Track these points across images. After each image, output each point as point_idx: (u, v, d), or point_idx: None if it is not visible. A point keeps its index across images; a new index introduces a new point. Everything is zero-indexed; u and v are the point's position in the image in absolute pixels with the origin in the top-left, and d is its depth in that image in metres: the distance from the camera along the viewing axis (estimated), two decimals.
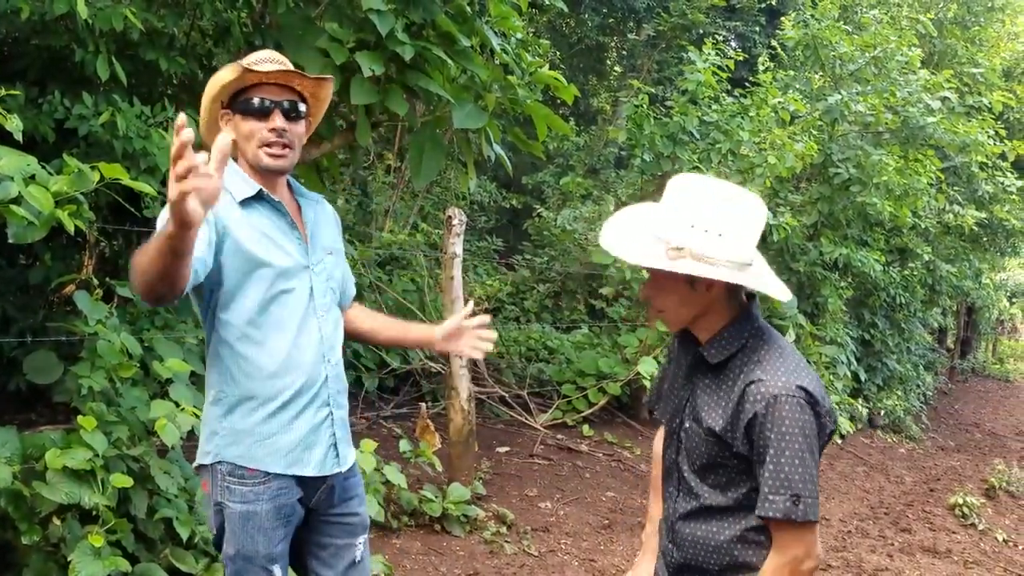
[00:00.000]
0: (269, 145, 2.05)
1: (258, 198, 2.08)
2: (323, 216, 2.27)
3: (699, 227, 1.65)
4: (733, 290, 1.77)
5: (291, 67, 2.11)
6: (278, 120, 2.05)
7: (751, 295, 1.83)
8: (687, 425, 1.81)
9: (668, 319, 1.81)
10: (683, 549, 1.83)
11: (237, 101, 2.05)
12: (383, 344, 2.54)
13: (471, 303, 2.46)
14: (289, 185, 2.22)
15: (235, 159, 2.12)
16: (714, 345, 1.77)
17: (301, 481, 2.12)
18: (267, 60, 2.08)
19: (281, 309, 2.07)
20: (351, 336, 2.45)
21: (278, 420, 2.08)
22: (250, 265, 2.03)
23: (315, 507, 2.21)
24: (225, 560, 2.12)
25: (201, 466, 2.14)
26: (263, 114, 2.04)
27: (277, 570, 2.11)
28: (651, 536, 2.10)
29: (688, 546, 1.81)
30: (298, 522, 2.18)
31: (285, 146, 2.07)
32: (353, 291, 2.43)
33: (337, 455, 2.18)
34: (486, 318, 2.38)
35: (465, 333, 2.38)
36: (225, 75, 2.03)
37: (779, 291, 1.75)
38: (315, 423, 2.13)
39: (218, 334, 2.08)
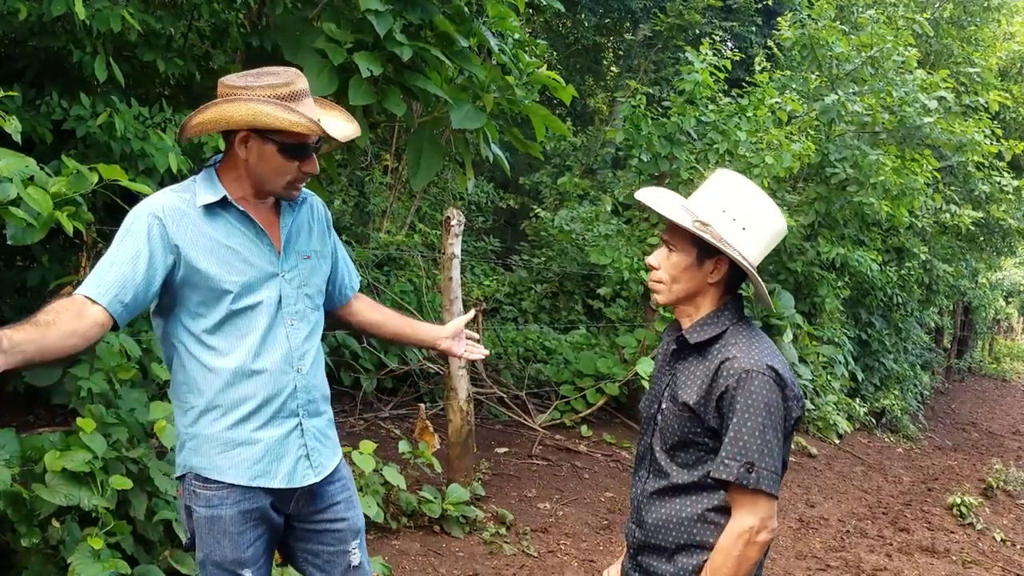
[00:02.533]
0: (297, 182, 2.07)
1: (222, 205, 2.03)
2: (306, 218, 2.21)
3: (729, 214, 1.80)
4: (730, 284, 1.87)
5: (352, 126, 2.17)
6: (312, 165, 2.06)
7: (740, 295, 1.92)
8: (664, 407, 1.89)
9: (664, 290, 1.89)
10: (645, 528, 1.88)
11: (274, 135, 1.98)
12: (387, 337, 2.52)
13: (472, 311, 2.49)
14: None
15: (216, 168, 2.08)
16: (696, 328, 1.86)
17: (269, 490, 2.08)
18: (301, 94, 2.02)
19: (244, 320, 2.03)
20: (357, 327, 2.46)
21: (242, 430, 2.03)
22: (207, 282, 1.99)
23: (294, 514, 2.18)
24: (199, 567, 2.11)
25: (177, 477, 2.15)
26: (304, 158, 2.04)
27: (248, 575, 2.08)
28: None
29: (650, 524, 1.87)
30: (276, 528, 2.15)
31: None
32: (353, 283, 2.40)
33: (311, 465, 2.13)
34: (471, 315, 2.47)
35: (463, 335, 2.47)
36: (289, 120, 1.94)
37: (768, 300, 1.92)
38: (281, 434, 2.08)
39: (180, 345, 2.04)
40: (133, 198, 3.40)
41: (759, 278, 1.83)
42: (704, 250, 1.82)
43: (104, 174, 2.74)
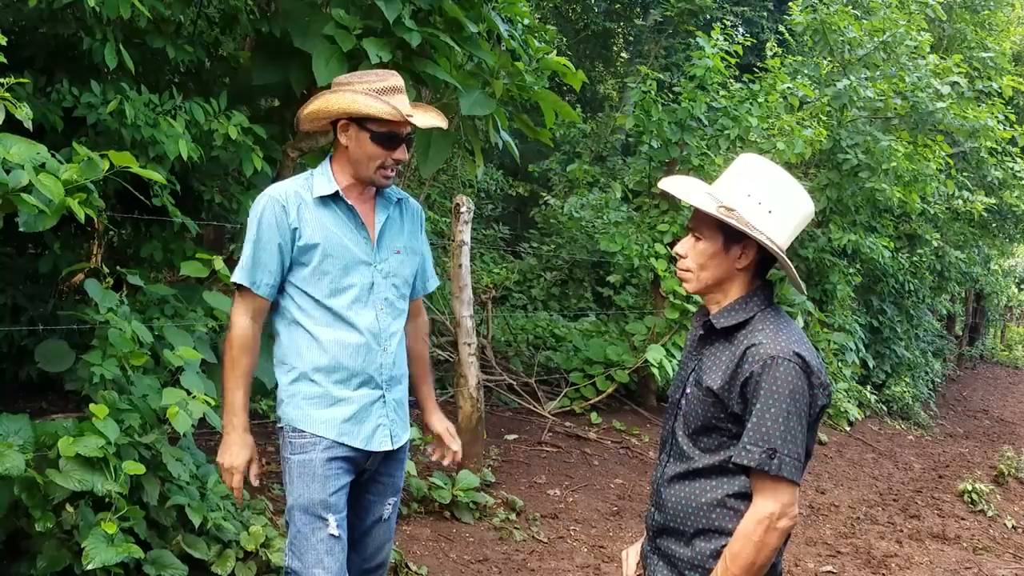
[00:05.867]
0: (387, 168, 2.34)
1: (335, 198, 2.35)
2: (401, 216, 2.48)
3: (754, 198, 1.79)
4: (759, 269, 1.85)
5: (439, 119, 2.44)
6: (401, 152, 2.34)
7: (770, 282, 1.90)
8: (688, 391, 1.88)
9: (692, 278, 1.88)
10: (664, 511, 1.88)
11: (368, 122, 2.28)
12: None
13: (456, 444, 2.70)
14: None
15: (330, 159, 2.39)
16: (724, 313, 1.84)
17: (353, 447, 2.36)
18: (395, 90, 2.31)
19: (343, 298, 2.34)
20: None
21: (333, 395, 2.34)
22: (316, 259, 2.31)
23: (366, 470, 2.44)
24: (287, 517, 2.35)
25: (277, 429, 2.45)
26: (393, 146, 2.31)
27: (332, 520, 2.30)
28: None
29: (670, 508, 1.87)
30: (351, 484, 2.39)
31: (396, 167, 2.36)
32: (429, 285, 2.66)
33: (389, 434, 2.42)
34: (456, 447, 2.68)
35: (452, 442, 2.68)
36: (377, 108, 2.25)
37: (800, 283, 1.86)
38: (367, 402, 2.38)
39: (288, 315, 2.37)
40: (144, 185, 3.41)
41: (789, 261, 1.81)
42: (730, 236, 1.80)
43: (115, 161, 2.74)
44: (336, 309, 2.33)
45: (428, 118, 2.43)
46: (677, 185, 1.87)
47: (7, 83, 2.50)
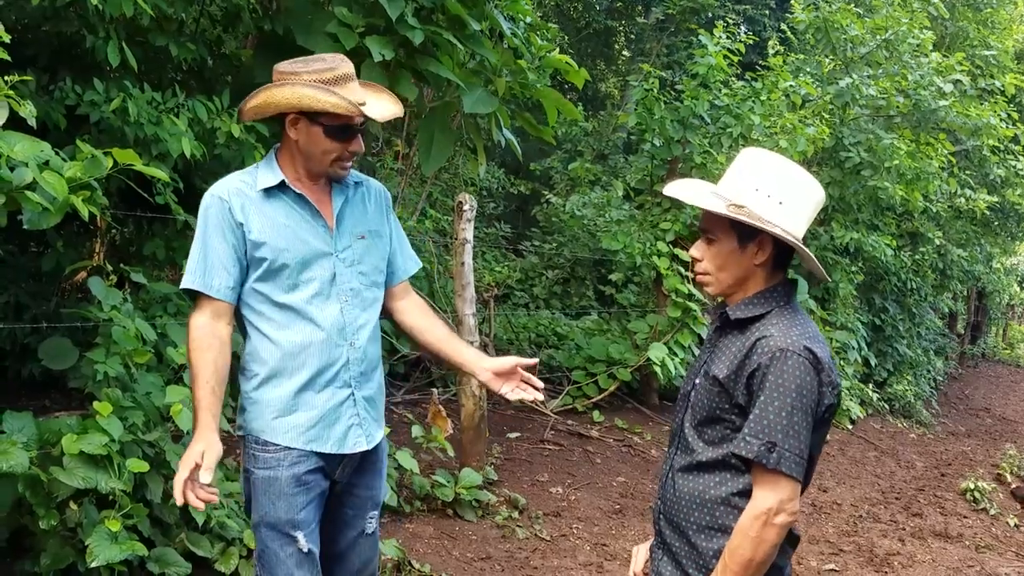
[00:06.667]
0: (344, 160, 2.20)
1: (282, 188, 2.19)
2: (363, 200, 2.33)
3: (763, 191, 1.75)
4: (777, 263, 1.82)
5: (395, 107, 2.28)
6: (357, 144, 2.19)
7: (791, 280, 1.87)
8: (698, 382, 1.86)
9: (711, 281, 1.85)
10: (669, 503, 1.88)
11: (320, 116, 2.12)
12: (425, 346, 2.48)
13: (535, 359, 2.37)
14: None
15: (276, 149, 2.24)
16: (741, 306, 1.82)
17: (321, 454, 2.22)
18: (345, 78, 2.14)
19: (302, 294, 2.18)
20: (402, 329, 2.48)
21: (298, 397, 2.19)
22: (269, 257, 2.15)
23: (339, 479, 2.30)
24: (253, 530, 2.25)
25: (239, 437, 2.29)
26: (349, 138, 2.17)
27: (302, 537, 2.18)
28: None
29: (675, 501, 1.86)
30: (324, 493, 2.27)
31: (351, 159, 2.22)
32: (410, 267, 2.47)
33: (362, 433, 2.27)
34: (534, 361, 2.34)
35: (516, 376, 2.33)
36: (330, 102, 2.08)
37: (821, 271, 1.83)
38: (335, 402, 2.23)
39: (245, 318, 2.22)
40: (147, 183, 3.41)
41: (807, 250, 1.78)
42: (745, 233, 1.77)
43: (119, 158, 2.74)
44: (296, 306, 2.18)
45: (382, 106, 2.28)
46: (683, 190, 1.84)
47: (11, 81, 2.50)
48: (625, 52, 14.73)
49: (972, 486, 7.06)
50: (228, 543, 3.28)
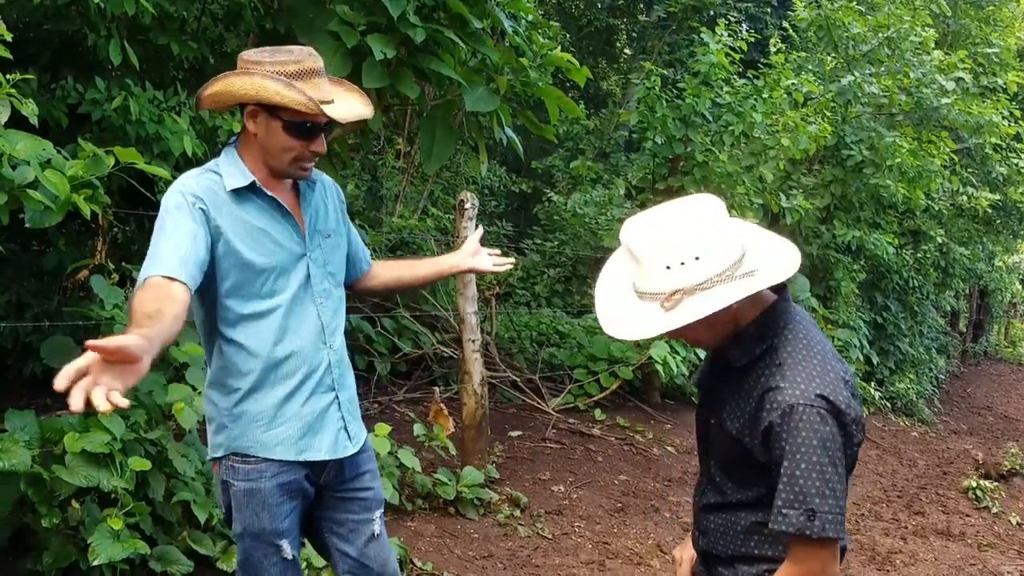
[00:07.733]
0: (304, 160, 2.08)
1: (251, 189, 2.07)
2: (320, 198, 2.25)
3: (674, 264, 1.55)
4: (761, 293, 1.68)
5: (364, 108, 2.15)
6: (319, 144, 2.08)
7: (780, 287, 1.73)
8: (713, 422, 1.79)
9: (708, 343, 1.76)
10: (706, 535, 1.84)
11: (279, 110, 2.00)
12: (414, 284, 2.54)
13: (480, 229, 2.55)
14: None
15: (236, 147, 2.11)
16: (738, 347, 1.69)
17: (307, 463, 2.15)
18: (311, 73, 2.02)
19: (278, 300, 2.09)
20: (382, 289, 2.50)
21: (285, 408, 2.11)
22: (243, 262, 2.04)
23: (325, 484, 2.24)
24: (236, 539, 2.18)
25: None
26: (310, 137, 2.05)
27: (286, 545, 2.14)
28: None
29: (709, 533, 1.82)
30: (308, 499, 2.22)
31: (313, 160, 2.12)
32: (367, 256, 2.45)
33: (349, 437, 2.22)
34: (481, 231, 2.52)
35: (482, 251, 2.50)
36: (290, 97, 1.96)
37: (781, 269, 1.60)
38: (321, 408, 2.17)
39: (219, 331, 2.09)
40: (149, 181, 3.42)
41: (755, 267, 1.58)
42: None
43: (120, 157, 2.74)
44: (273, 313, 2.07)
45: (350, 105, 2.14)
46: (611, 316, 1.70)
47: (12, 79, 2.50)
48: (627, 50, 14.72)
49: (974, 484, 7.06)
50: (230, 541, 3.27)
